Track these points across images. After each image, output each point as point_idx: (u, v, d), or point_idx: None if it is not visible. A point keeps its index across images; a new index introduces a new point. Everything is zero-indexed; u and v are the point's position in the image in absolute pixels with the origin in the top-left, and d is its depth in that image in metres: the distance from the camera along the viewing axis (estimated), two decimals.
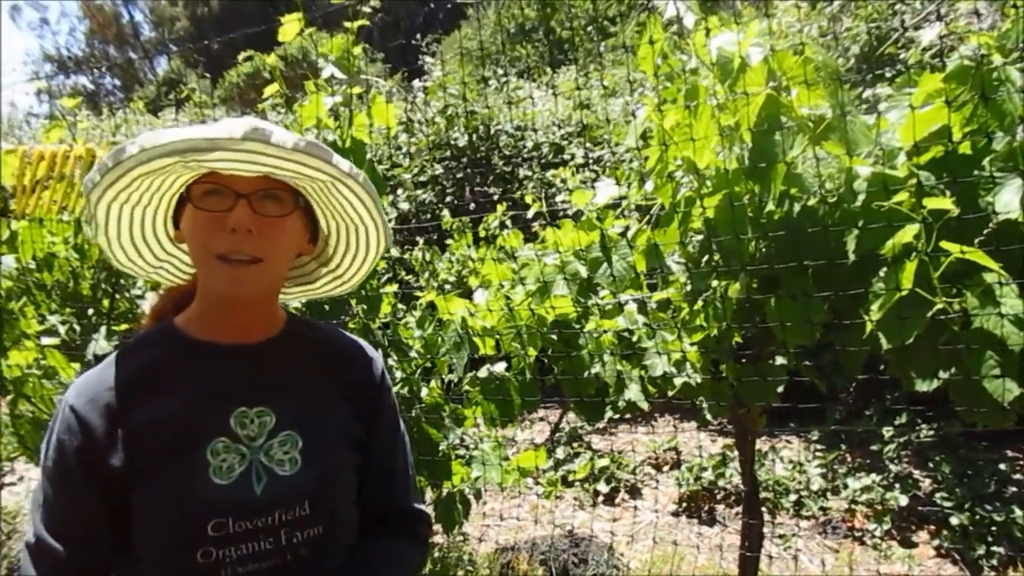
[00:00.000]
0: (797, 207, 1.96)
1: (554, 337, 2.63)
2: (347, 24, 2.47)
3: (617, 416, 2.66)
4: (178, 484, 1.02)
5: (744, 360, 2.38)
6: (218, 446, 1.05)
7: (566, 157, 7.17)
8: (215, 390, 1.08)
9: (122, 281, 3.47)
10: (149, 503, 1.02)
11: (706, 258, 2.23)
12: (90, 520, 1.03)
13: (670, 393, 2.51)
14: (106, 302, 3.52)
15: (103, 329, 3.31)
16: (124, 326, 3.39)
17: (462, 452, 3.26)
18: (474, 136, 7.61)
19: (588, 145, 7.23)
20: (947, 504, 4.12)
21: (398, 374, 2.77)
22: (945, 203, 1.58)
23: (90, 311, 3.51)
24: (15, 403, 3.14)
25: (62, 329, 3.39)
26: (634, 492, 4.84)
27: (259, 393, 1.11)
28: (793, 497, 4.48)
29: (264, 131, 0.98)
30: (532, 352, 2.64)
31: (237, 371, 1.11)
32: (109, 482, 1.01)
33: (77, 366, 3.28)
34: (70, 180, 2.90)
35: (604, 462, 5.02)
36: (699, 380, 2.40)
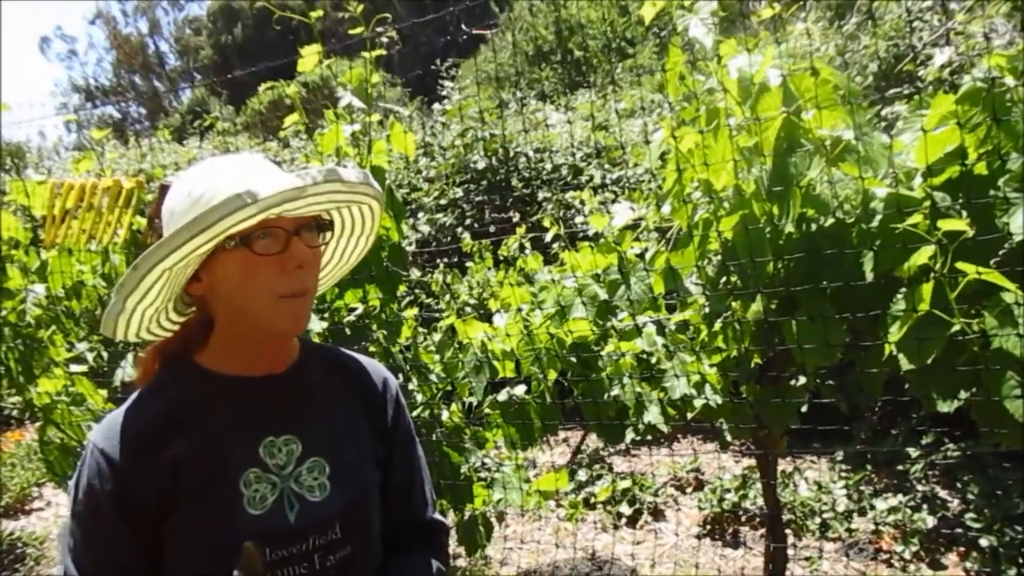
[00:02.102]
0: (815, 228, 1.97)
1: (573, 360, 2.64)
2: (364, 54, 2.52)
3: (638, 438, 2.66)
4: (214, 518, 1.04)
5: (764, 382, 2.38)
6: (250, 477, 1.07)
7: (584, 179, 7.20)
8: (245, 423, 1.10)
9: None
10: (186, 538, 1.03)
11: (724, 279, 2.24)
12: (121, 559, 1.05)
13: (690, 415, 2.51)
14: None
15: (130, 356, 3.37)
16: None
17: (483, 475, 3.27)
18: (493, 159, 7.67)
19: (606, 166, 7.26)
20: (976, 525, 4.05)
21: (419, 397, 2.79)
22: (960, 224, 1.59)
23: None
24: (44, 429, 3.20)
25: (90, 356, 3.45)
26: (657, 514, 4.81)
27: (285, 422, 1.13)
28: (818, 519, 4.43)
29: (337, 171, 1.03)
30: (552, 375, 2.65)
31: (265, 402, 1.13)
32: (140, 520, 1.03)
33: (104, 393, 3.34)
34: (98, 211, 2.96)
35: (626, 484, 5.00)
36: (719, 402, 2.40)
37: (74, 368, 3.14)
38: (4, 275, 3.17)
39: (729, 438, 2.54)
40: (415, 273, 6.17)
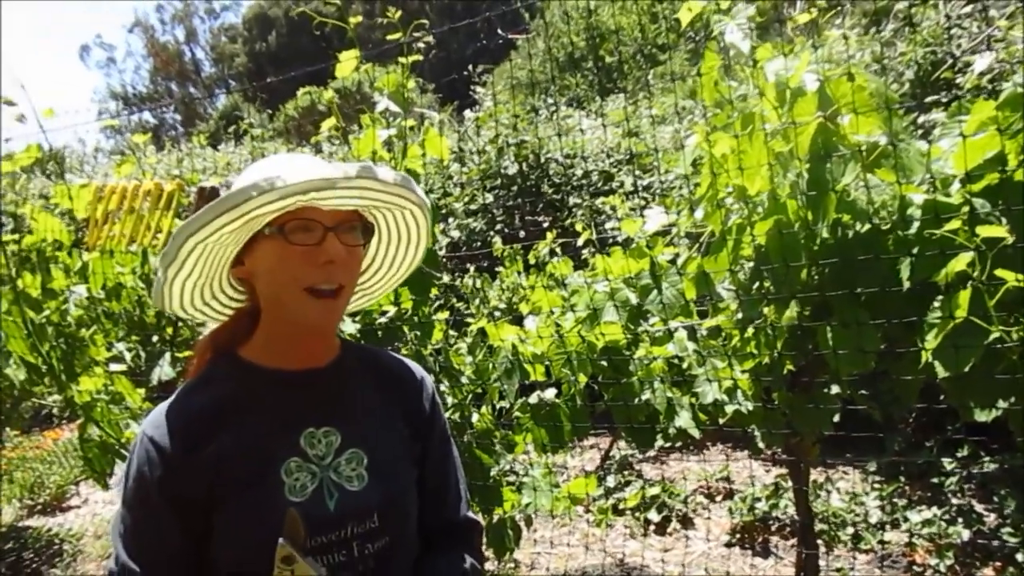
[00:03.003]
0: (850, 234, 1.96)
1: (604, 364, 2.64)
2: (400, 60, 2.55)
3: (668, 445, 2.66)
4: (257, 505, 1.07)
5: (797, 388, 2.37)
6: (291, 466, 1.10)
7: (615, 185, 7.19)
8: (286, 414, 1.14)
9: None
10: (232, 526, 1.07)
11: (757, 285, 2.23)
12: (170, 545, 1.08)
13: (721, 421, 2.50)
14: (169, 330, 3.64)
15: (167, 356, 3.43)
16: (187, 353, 3.50)
17: (512, 479, 3.27)
18: (524, 165, 7.70)
19: (637, 173, 7.25)
20: (1013, 540, 3.97)
21: (449, 400, 2.81)
22: (999, 231, 1.57)
23: (154, 339, 3.64)
24: (84, 427, 3.26)
25: (128, 356, 3.52)
26: (686, 522, 4.78)
27: (325, 414, 1.16)
28: (850, 530, 4.38)
29: (372, 168, 1.05)
30: (582, 378, 2.65)
31: (306, 394, 1.16)
32: (188, 508, 1.06)
33: (142, 392, 3.40)
34: (139, 213, 3.03)
35: (655, 490, 4.97)
36: (751, 408, 2.39)
37: (113, 367, 3.20)
38: (48, 276, 3.25)
39: (761, 445, 2.52)
40: (445, 278, 6.20)
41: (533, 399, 2.79)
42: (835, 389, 2.34)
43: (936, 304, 1.72)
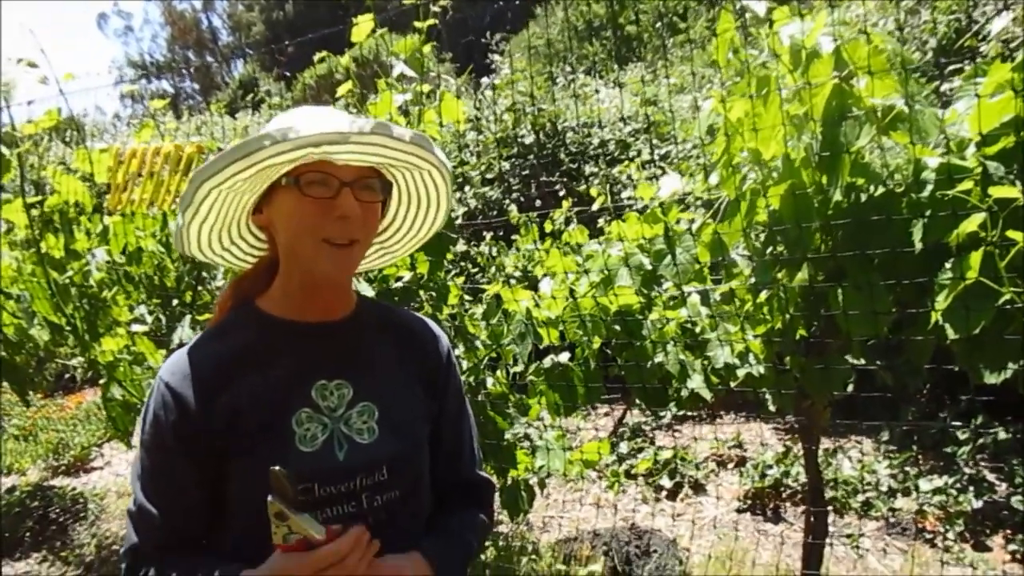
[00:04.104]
0: (864, 197, 1.96)
1: (617, 328, 2.66)
2: (417, 24, 2.55)
3: (681, 413, 2.69)
4: (270, 454, 1.09)
5: (810, 353, 2.38)
6: (302, 416, 1.12)
7: (632, 154, 7.16)
8: (301, 365, 1.16)
9: (204, 273, 3.65)
10: (245, 472, 1.09)
11: (770, 250, 2.24)
12: (186, 488, 1.11)
13: (733, 384, 2.52)
14: (189, 294, 3.69)
15: (187, 319, 3.48)
16: (207, 316, 3.55)
17: (527, 444, 3.32)
18: (541, 133, 7.67)
19: (655, 141, 7.21)
20: (1023, 508, 3.99)
21: (464, 364, 2.84)
22: (1012, 191, 1.57)
23: (175, 302, 3.70)
24: (107, 387, 3.33)
25: (149, 319, 3.58)
26: (697, 488, 4.83)
27: (338, 367, 1.18)
28: (861, 498, 4.41)
29: (387, 125, 1.06)
30: (596, 341, 2.68)
31: (319, 346, 1.19)
32: (203, 453, 1.09)
33: (164, 353, 3.46)
34: (158, 176, 3.06)
35: (667, 455, 5.02)
36: (762, 371, 2.40)
37: (135, 328, 3.26)
38: (71, 237, 3.30)
39: (772, 408, 2.54)
40: (462, 246, 6.22)
41: (547, 363, 2.82)
42: (848, 358, 2.35)
43: (947, 266, 1.72)
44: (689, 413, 5.97)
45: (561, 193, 6.12)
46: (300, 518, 0.98)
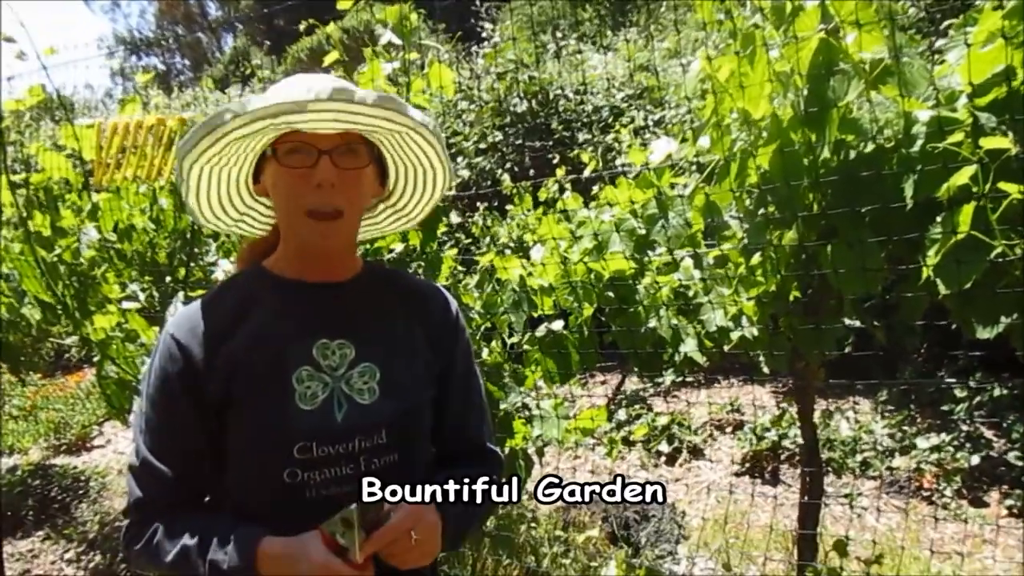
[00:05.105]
0: (853, 154, 1.93)
1: (610, 294, 2.65)
2: None
3: (679, 379, 2.69)
4: (269, 409, 1.10)
5: (805, 315, 2.36)
6: (303, 374, 1.12)
7: (626, 120, 7.10)
8: (302, 323, 1.16)
9: (196, 250, 3.63)
10: (243, 426, 1.11)
11: (762, 211, 2.21)
12: (190, 442, 1.12)
13: (726, 348, 2.51)
14: (182, 270, 3.68)
15: (180, 295, 3.46)
16: (199, 292, 3.53)
17: (524, 414, 3.31)
18: (533, 102, 7.59)
19: (648, 108, 7.15)
20: (1021, 464, 4.01)
21: None
22: (1003, 142, 1.54)
23: (167, 278, 3.68)
24: (101, 364, 3.32)
25: (142, 296, 3.55)
26: (696, 453, 4.85)
27: (341, 327, 1.18)
28: (859, 458, 4.43)
29: (347, 90, 1.04)
30: (588, 308, 2.66)
31: (322, 306, 1.19)
32: (207, 407, 1.11)
33: (157, 330, 3.44)
34: (143, 151, 3.03)
35: (664, 420, 5.04)
36: (755, 333, 2.39)
37: (127, 304, 3.24)
38: (57, 214, 3.27)
39: (766, 370, 2.53)
40: (455, 217, 6.18)
41: (541, 331, 2.81)
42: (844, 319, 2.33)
43: (939, 220, 1.70)
44: (687, 379, 5.98)
45: (555, 161, 6.07)
46: (358, 535, 1.00)
